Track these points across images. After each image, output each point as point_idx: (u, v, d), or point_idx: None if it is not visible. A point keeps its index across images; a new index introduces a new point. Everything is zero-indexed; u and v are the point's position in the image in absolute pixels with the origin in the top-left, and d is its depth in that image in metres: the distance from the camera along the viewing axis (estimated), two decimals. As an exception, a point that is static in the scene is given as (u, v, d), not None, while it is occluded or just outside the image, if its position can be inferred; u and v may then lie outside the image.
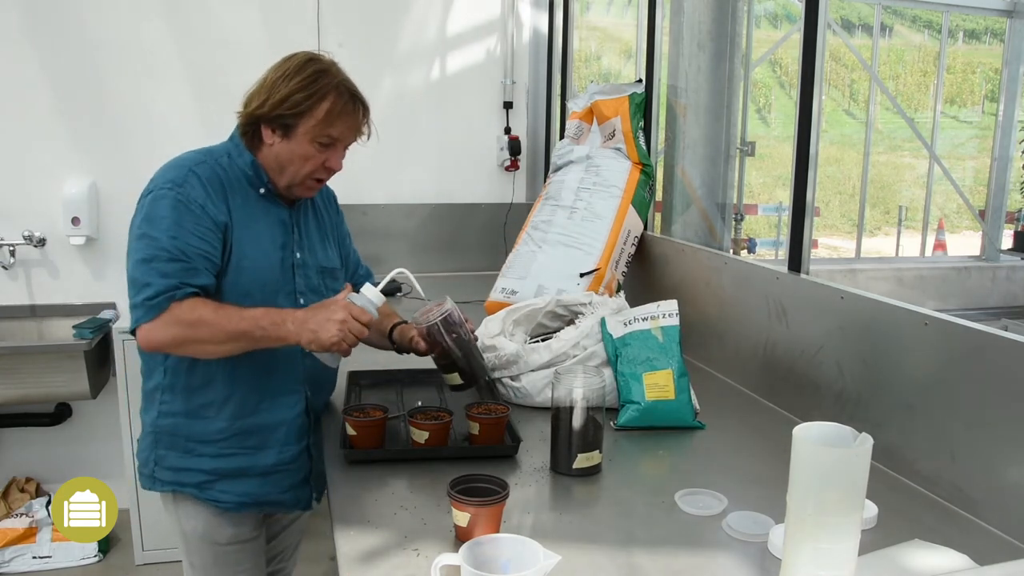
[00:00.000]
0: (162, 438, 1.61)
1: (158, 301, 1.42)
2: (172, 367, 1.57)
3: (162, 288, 1.42)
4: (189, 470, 1.60)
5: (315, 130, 1.52)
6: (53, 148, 3.13)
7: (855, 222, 8.33)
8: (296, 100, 1.50)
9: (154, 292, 1.42)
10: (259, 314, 1.44)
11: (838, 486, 0.94)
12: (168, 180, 1.49)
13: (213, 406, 1.57)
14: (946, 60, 7.39)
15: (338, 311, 1.41)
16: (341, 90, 1.54)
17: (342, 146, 1.59)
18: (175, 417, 1.58)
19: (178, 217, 1.46)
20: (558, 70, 3.49)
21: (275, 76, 1.53)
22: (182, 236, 1.45)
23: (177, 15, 3.18)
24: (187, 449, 1.60)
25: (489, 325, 1.88)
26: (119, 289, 3.27)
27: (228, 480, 1.61)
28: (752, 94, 9.55)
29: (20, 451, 3.29)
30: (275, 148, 1.55)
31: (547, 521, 1.28)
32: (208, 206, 1.49)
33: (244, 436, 1.60)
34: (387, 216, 3.42)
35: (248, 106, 1.55)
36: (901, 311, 1.49)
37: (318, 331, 1.40)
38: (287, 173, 1.57)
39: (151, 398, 1.61)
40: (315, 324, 1.41)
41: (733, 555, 1.17)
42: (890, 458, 1.46)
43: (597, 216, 2.47)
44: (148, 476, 1.64)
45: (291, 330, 1.42)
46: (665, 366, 1.69)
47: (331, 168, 1.59)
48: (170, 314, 1.42)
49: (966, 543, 1.18)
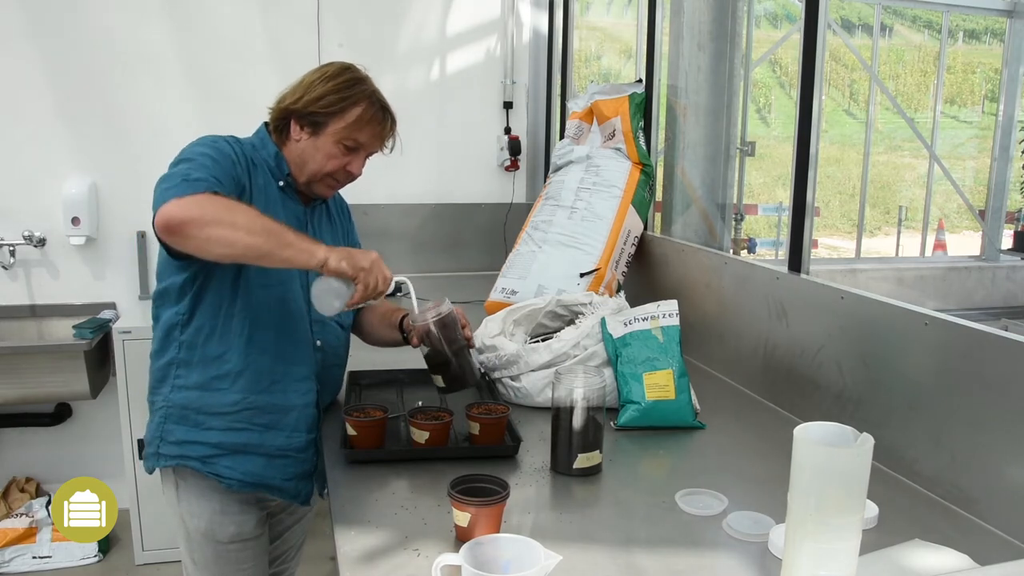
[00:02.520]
0: (172, 412, 1.60)
1: (196, 185, 1.39)
2: (188, 341, 1.57)
3: (201, 176, 1.41)
4: (195, 443, 1.60)
5: (343, 132, 1.59)
6: (53, 148, 3.13)
7: (855, 222, 8.33)
8: (330, 100, 1.57)
9: (194, 178, 1.40)
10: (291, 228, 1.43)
11: (839, 486, 0.94)
12: (202, 138, 1.54)
13: (228, 377, 1.58)
14: (946, 60, 7.40)
15: (372, 253, 1.46)
16: (373, 100, 1.61)
17: (365, 153, 1.64)
18: (188, 391, 1.59)
19: (212, 153, 1.49)
20: (558, 70, 3.49)
21: (313, 77, 1.60)
22: (212, 166, 1.46)
23: (177, 15, 3.18)
24: (196, 422, 1.60)
25: (489, 325, 1.88)
26: (119, 289, 3.29)
27: (233, 456, 1.61)
28: (752, 94, 9.54)
29: (20, 451, 3.29)
30: (301, 144, 1.61)
31: (547, 521, 1.28)
32: (236, 168, 1.52)
33: (256, 412, 1.60)
34: (387, 216, 3.42)
35: (282, 101, 1.61)
36: (901, 311, 1.49)
37: (353, 255, 1.42)
38: (308, 169, 1.62)
39: (164, 374, 1.61)
40: (348, 252, 1.43)
41: (733, 555, 1.17)
42: (890, 458, 1.46)
43: (597, 216, 2.47)
44: (152, 455, 1.63)
45: (322, 248, 1.41)
46: (665, 366, 1.69)
47: (351, 173, 1.64)
48: (205, 195, 1.37)
49: (966, 543, 1.18)
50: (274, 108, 1.64)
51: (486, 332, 1.85)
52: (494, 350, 1.80)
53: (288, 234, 1.40)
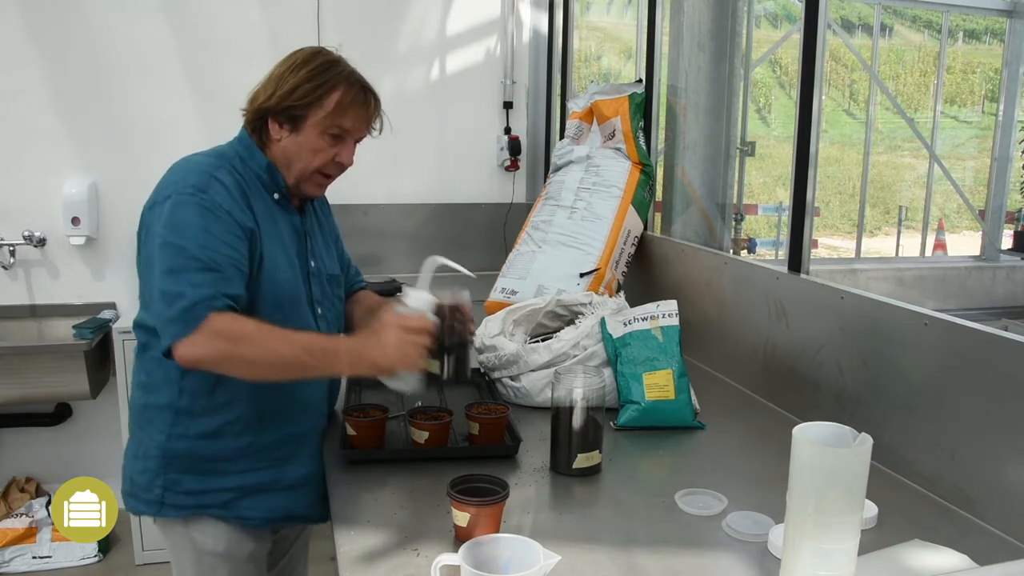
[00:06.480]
0: (174, 462, 1.47)
1: (196, 312, 1.29)
2: (191, 388, 1.45)
3: (198, 298, 1.30)
4: (211, 491, 1.48)
5: (325, 121, 1.47)
6: (53, 148, 3.13)
7: (855, 222, 8.33)
8: (305, 91, 1.45)
9: (190, 303, 1.30)
10: (308, 341, 1.34)
11: (838, 486, 0.94)
12: (189, 185, 1.38)
13: (238, 423, 1.47)
14: (946, 60, 7.40)
15: (389, 333, 1.33)
16: (351, 81, 1.49)
17: (352, 139, 1.53)
18: (191, 440, 1.46)
19: (206, 224, 1.35)
20: (558, 70, 3.49)
21: (282, 69, 1.48)
22: (212, 244, 1.34)
23: (177, 15, 3.18)
24: (207, 470, 1.48)
25: (489, 325, 1.88)
26: (119, 289, 3.29)
27: (255, 495, 1.51)
28: (752, 94, 9.55)
29: (20, 451, 3.28)
30: (283, 143, 1.49)
31: (547, 521, 1.28)
32: (235, 212, 1.40)
33: (271, 448, 1.51)
34: (387, 216, 3.42)
35: (254, 101, 1.50)
36: (901, 311, 1.49)
37: (377, 359, 1.32)
38: (295, 168, 1.51)
39: (156, 417, 1.48)
40: (371, 354, 1.32)
41: (733, 555, 1.17)
42: (890, 458, 1.46)
43: (597, 216, 2.47)
44: (154, 502, 1.49)
45: (344, 363, 1.35)
46: (665, 366, 1.69)
47: (341, 163, 1.53)
48: (210, 326, 1.29)
49: (966, 543, 1.18)
50: (248, 109, 1.51)
51: (486, 332, 1.85)
52: (494, 350, 1.80)
53: (305, 357, 1.31)
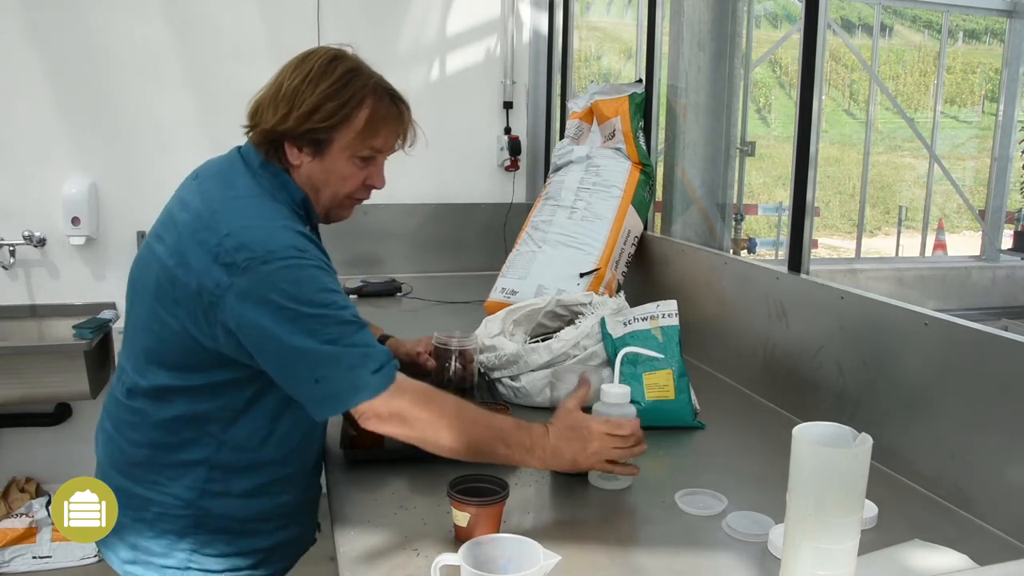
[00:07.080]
0: (207, 520, 1.27)
1: (389, 367, 1.18)
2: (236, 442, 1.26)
3: (383, 352, 1.18)
4: (244, 553, 1.31)
5: (355, 144, 1.27)
6: (53, 148, 3.13)
7: (855, 222, 8.33)
8: (329, 111, 1.23)
9: (380, 357, 1.17)
10: (505, 429, 1.24)
11: (838, 486, 0.93)
12: (288, 246, 1.17)
13: (287, 480, 1.33)
14: (946, 60, 7.40)
15: (592, 441, 1.25)
16: (379, 92, 1.29)
17: (383, 158, 1.34)
18: (232, 499, 1.28)
19: (331, 282, 1.20)
20: (558, 70, 3.49)
21: (295, 82, 1.25)
22: (345, 302, 1.19)
23: (177, 15, 3.18)
24: (244, 531, 1.30)
25: (489, 325, 1.87)
26: (119, 289, 3.27)
27: (288, 547, 1.40)
28: (752, 94, 9.55)
29: (20, 451, 3.28)
30: (304, 169, 1.28)
31: (547, 521, 1.28)
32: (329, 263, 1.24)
33: (310, 504, 1.43)
34: (387, 216, 3.42)
35: (263, 120, 1.26)
36: (901, 311, 1.49)
37: (577, 461, 1.26)
38: (323, 196, 1.31)
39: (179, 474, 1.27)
40: (570, 456, 1.25)
41: (733, 555, 1.17)
42: (890, 458, 1.46)
43: (597, 216, 2.47)
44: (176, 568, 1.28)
45: (537, 460, 1.26)
46: (665, 366, 1.69)
47: (372, 186, 1.34)
48: (403, 383, 1.19)
49: (966, 543, 1.18)
50: (254, 127, 1.28)
51: (486, 332, 1.84)
52: (494, 350, 1.80)
53: (499, 447, 1.23)
